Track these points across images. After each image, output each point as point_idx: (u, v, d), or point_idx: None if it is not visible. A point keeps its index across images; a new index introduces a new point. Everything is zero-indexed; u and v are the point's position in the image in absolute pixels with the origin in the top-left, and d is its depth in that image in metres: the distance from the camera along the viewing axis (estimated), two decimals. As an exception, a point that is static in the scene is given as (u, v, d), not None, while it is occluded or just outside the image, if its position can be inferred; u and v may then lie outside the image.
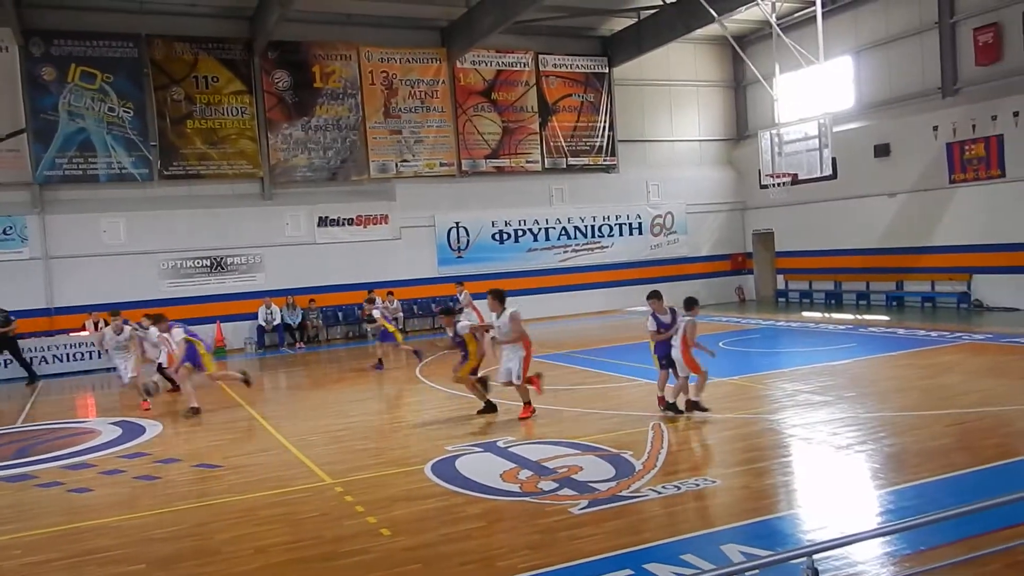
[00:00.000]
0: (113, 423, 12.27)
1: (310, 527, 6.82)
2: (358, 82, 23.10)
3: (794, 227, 25.49)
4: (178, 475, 8.93)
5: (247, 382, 13.18)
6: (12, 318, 17.64)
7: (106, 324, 14.84)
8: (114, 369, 14.71)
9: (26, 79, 19.83)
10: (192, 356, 12.59)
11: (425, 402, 12.87)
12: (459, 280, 20.83)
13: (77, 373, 18.66)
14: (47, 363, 18.80)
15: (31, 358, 18.20)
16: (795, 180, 20.20)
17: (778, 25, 20.03)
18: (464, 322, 11.51)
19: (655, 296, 10.15)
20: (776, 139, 19.80)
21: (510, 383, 10.47)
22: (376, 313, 17.19)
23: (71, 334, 19.34)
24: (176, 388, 14.22)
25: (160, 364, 14.51)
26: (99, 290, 19.81)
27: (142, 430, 11.56)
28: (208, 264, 21.38)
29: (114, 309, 14.96)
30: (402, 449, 9.51)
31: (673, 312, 10.03)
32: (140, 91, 20.90)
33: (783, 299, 25.82)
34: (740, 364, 14.12)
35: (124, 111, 20.75)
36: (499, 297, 10.62)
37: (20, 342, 17.85)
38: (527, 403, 10.53)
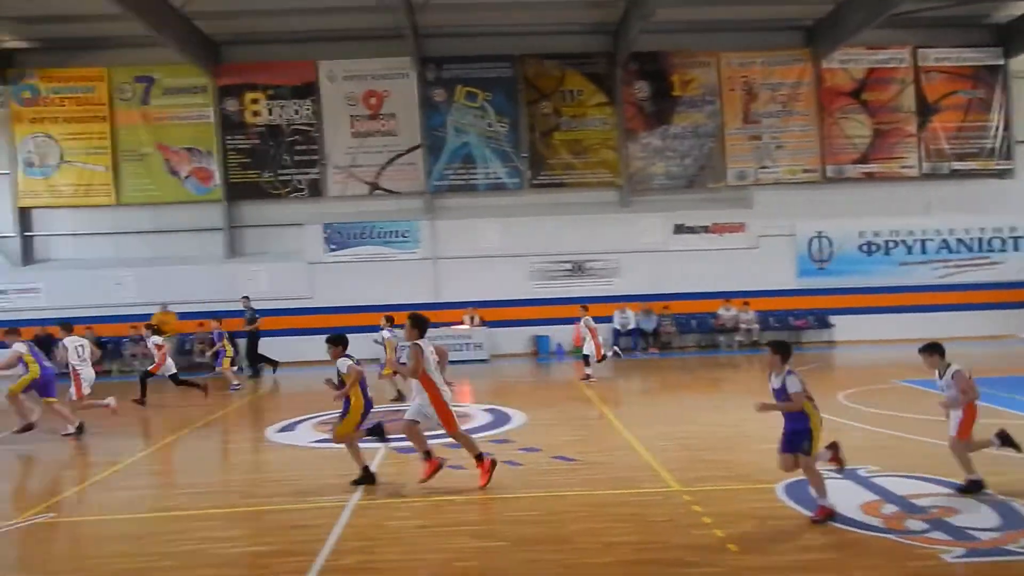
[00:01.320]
0: (485, 409, 13.52)
1: (658, 531, 6.91)
2: (717, 88, 22.91)
3: None
4: (537, 464, 9.54)
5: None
6: (257, 316, 20.32)
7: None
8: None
9: (422, 101, 22.66)
10: None
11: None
12: (583, 303, 18.40)
13: (456, 363, 20.78)
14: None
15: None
16: None
17: None
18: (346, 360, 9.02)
19: None
20: None
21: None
22: (386, 334, 15.57)
23: (452, 327, 21.66)
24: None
25: None
26: (475, 288, 22.05)
27: (508, 418, 12.57)
28: (570, 268, 22.66)
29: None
30: (753, 464, 9.21)
31: None
32: (514, 107, 22.80)
33: None
34: None
35: (500, 126, 22.79)
36: (418, 325, 8.55)
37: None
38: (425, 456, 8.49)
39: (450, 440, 8.81)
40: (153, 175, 22.55)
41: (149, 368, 15.70)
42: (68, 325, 13.50)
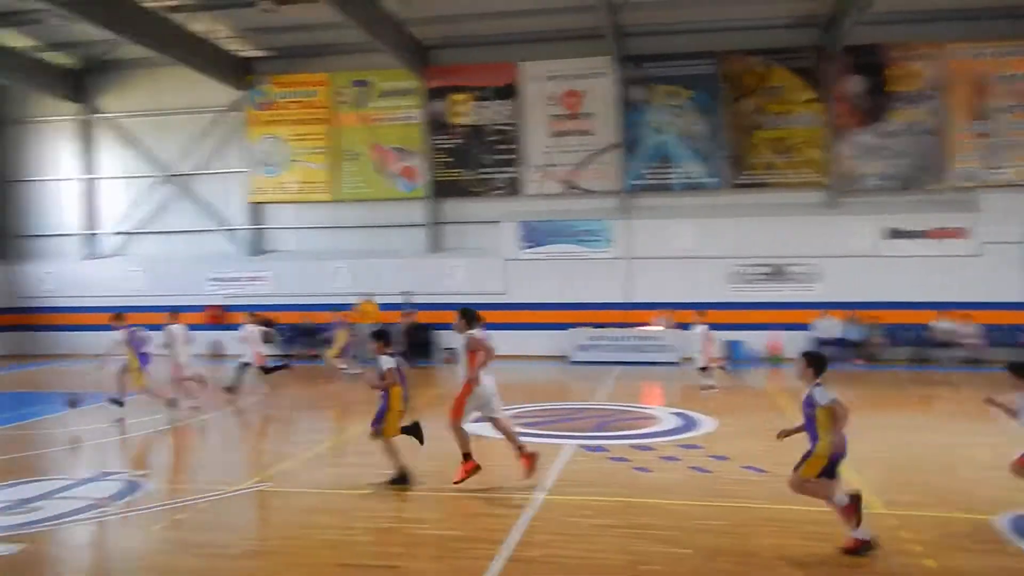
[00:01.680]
0: (673, 413, 13.33)
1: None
2: (940, 82, 21.14)
3: None
4: (727, 472, 9.29)
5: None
6: (416, 310, 21.42)
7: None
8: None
9: (620, 100, 22.61)
10: None
11: (999, 442, 11.25)
12: (701, 308, 17.42)
13: (646, 364, 20.63)
14: (622, 351, 21.19)
15: (609, 346, 20.93)
16: None
17: None
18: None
19: None
20: None
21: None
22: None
23: (642, 327, 21.49)
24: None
25: None
26: (668, 290, 21.75)
27: (697, 424, 12.32)
28: (767, 272, 21.78)
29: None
30: (970, 492, 8.46)
31: None
32: (715, 105, 22.22)
33: None
34: None
35: (700, 124, 22.30)
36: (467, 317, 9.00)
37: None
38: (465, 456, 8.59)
39: (637, 443, 8.75)
40: (366, 174, 24.08)
41: (246, 361, 15.57)
42: (175, 313, 14.86)
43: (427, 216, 23.74)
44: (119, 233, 25.70)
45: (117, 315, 13.76)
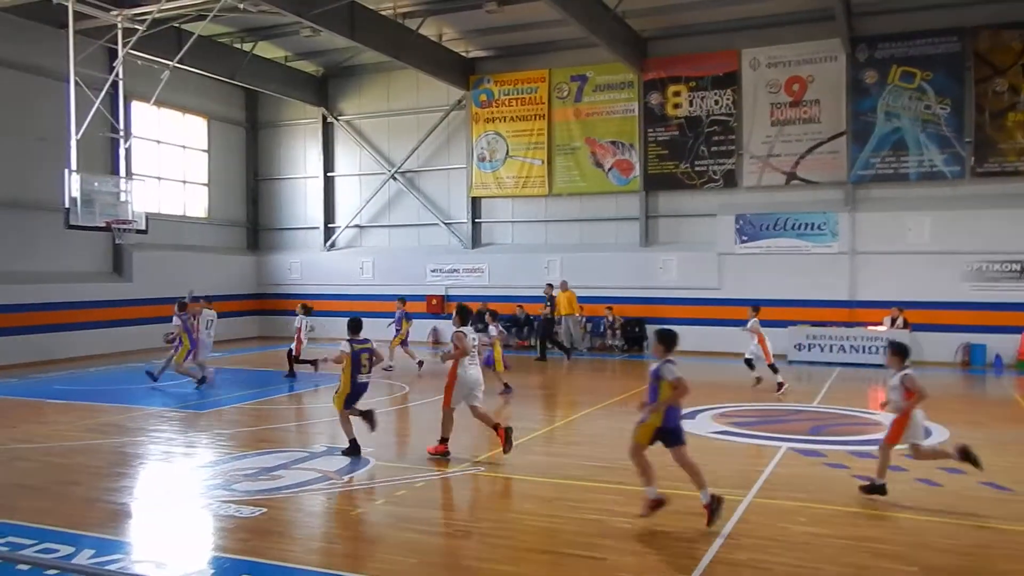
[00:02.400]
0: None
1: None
2: None
3: None
4: (960, 487, 8.54)
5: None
6: (552, 303, 21.45)
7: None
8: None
9: (850, 85, 21.23)
10: None
11: None
12: (754, 305, 16.24)
13: (870, 366, 19.31)
14: (844, 352, 19.99)
15: (830, 346, 19.81)
16: None
17: None
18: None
19: None
20: None
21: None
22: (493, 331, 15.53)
23: (868, 327, 20.13)
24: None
25: None
26: (898, 287, 20.20)
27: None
28: (1018, 269, 19.61)
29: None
30: None
31: None
32: (959, 86, 20.27)
33: None
34: None
35: (940, 108, 20.45)
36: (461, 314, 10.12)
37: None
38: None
39: (858, 450, 8.27)
40: (581, 168, 24.36)
41: (292, 347, 17.46)
42: (208, 301, 17.07)
43: (640, 209, 23.63)
44: (352, 226, 27.80)
45: (185, 304, 16.25)
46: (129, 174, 19.51)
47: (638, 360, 20.94)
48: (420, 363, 17.96)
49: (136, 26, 18.41)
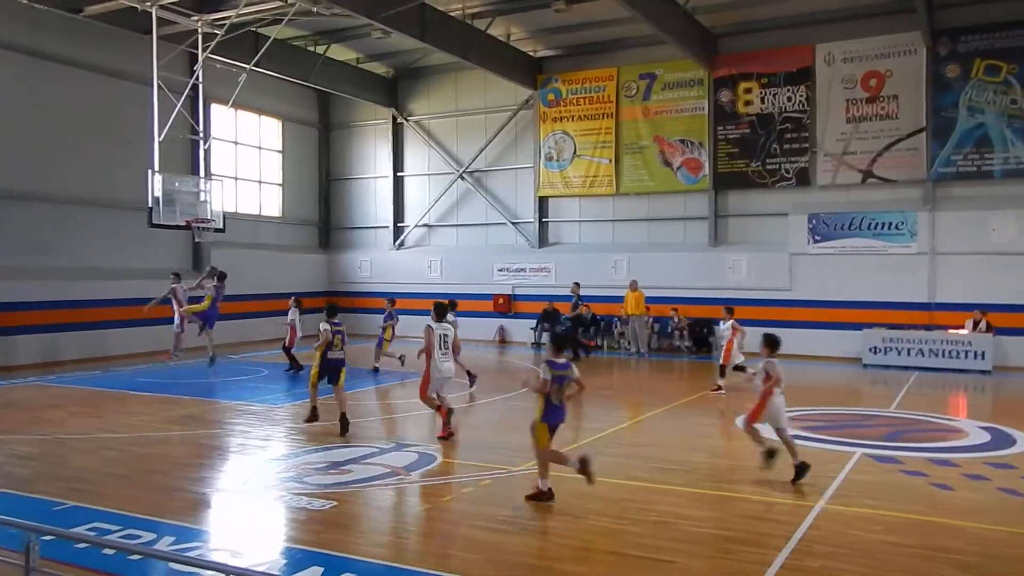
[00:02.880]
0: (982, 427, 11.99)
1: None
2: None
3: None
4: (1046, 499, 8.23)
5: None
6: (581, 303, 22.24)
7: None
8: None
9: (930, 79, 20.53)
10: None
11: None
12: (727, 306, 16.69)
13: (952, 371, 18.66)
14: (922, 356, 19.33)
15: (908, 350, 19.22)
16: None
17: None
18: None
19: None
20: None
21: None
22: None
23: (949, 331, 19.46)
24: None
25: None
26: (981, 290, 19.46)
27: (1012, 441, 10.98)
28: (1111, 271, 18.69)
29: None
30: None
31: None
32: (1049, 80, 19.44)
33: None
34: None
35: (1028, 103, 19.63)
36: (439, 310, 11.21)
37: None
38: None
39: (937, 457, 8.01)
40: (649, 166, 24.13)
41: (286, 342, 17.93)
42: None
43: (710, 208, 23.30)
44: (421, 225, 28.12)
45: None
46: (208, 174, 20.16)
47: (705, 361, 20.64)
48: (401, 358, 17.67)
49: (215, 31, 18.99)
